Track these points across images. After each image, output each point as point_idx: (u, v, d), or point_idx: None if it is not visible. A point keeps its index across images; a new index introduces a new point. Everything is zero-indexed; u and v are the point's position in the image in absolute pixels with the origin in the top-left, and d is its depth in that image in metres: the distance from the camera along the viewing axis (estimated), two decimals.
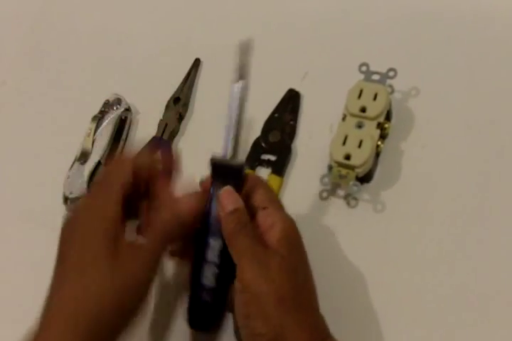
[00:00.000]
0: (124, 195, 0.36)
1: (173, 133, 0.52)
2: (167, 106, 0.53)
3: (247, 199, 0.38)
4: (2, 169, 0.56)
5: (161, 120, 0.52)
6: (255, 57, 0.54)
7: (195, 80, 0.55)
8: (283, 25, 0.55)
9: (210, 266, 0.37)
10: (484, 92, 0.47)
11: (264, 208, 0.38)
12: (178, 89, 0.54)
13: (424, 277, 0.42)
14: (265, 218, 0.37)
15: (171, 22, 0.59)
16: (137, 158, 0.39)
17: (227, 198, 0.37)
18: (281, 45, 0.54)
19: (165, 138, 0.52)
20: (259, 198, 0.38)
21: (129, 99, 0.53)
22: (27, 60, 0.61)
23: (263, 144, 0.49)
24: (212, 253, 0.37)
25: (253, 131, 0.50)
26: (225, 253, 0.36)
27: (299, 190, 0.47)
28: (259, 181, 0.40)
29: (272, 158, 0.49)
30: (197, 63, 0.55)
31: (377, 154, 0.46)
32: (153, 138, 0.52)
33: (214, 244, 0.36)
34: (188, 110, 0.53)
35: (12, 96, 0.59)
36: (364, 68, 0.46)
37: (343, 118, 0.45)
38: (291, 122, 0.50)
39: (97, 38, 0.60)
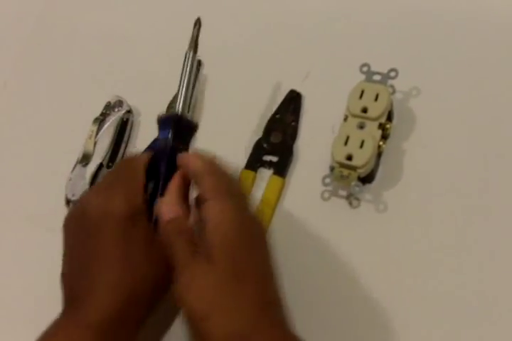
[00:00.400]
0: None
1: None
2: (168, 108, 0.53)
3: (197, 188, 0.38)
4: (4, 171, 0.56)
5: None
6: (258, 57, 0.54)
7: (197, 82, 0.55)
8: (284, 26, 0.55)
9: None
10: (485, 92, 0.47)
11: (206, 200, 0.36)
12: None
13: (426, 277, 0.42)
14: (204, 212, 0.36)
15: (172, 24, 0.59)
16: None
17: (167, 206, 0.38)
18: (283, 45, 0.54)
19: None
20: (205, 187, 0.37)
21: (131, 100, 0.53)
22: (28, 61, 0.61)
23: (265, 145, 0.49)
24: None
25: (255, 132, 0.50)
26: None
27: (301, 190, 0.47)
28: (210, 167, 0.38)
29: (274, 159, 0.49)
30: (198, 64, 0.55)
31: (379, 154, 0.46)
32: (155, 139, 0.52)
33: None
34: (189, 111, 0.53)
35: (13, 98, 0.59)
36: (365, 69, 0.46)
37: (345, 119, 0.45)
38: (293, 123, 0.50)
39: (98, 40, 0.60)
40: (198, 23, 0.46)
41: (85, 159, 0.51)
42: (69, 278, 0.39)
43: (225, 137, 0.51)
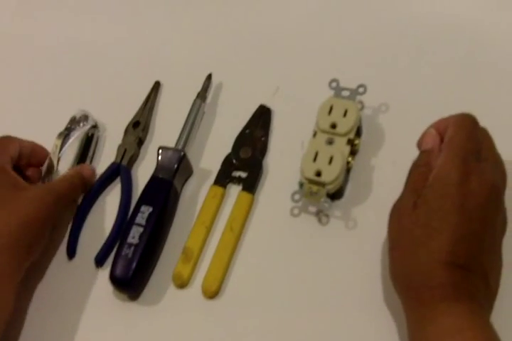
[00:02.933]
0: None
1: (133, 159, 0.50)
2: (126, 131, 0.51)
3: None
4: None
5: (119, 145, 0.51)
6: (227, 73, 0.54)
7: (155, 103, 0.53)
8: (254, 41, 0.55)
9: (136, 227, 0.44)
10: (453, 108, 0.47)
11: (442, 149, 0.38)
12: (137, 113, 0.52)
13: (394, 292, 0.42)
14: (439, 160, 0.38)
15: (139, 39, 0.58)
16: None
17: (430, 137, 0.40)
18: (252, 60, 0.54)
19: (124, 164, 0.50)
20: (446, 136, 0.38)
21: (96, 115, 0.52)
22: None
23: (234, 161, 0.49)
24: (141, 217, 0.44)
25: (224, 147, 0.50)
26: (151, 217, 0.44)
27: (270, 207, 0.47)
28: (461, 122, 0.39)
29: (243, 174, 0.48)
30: (157, 86, 0.54)
31: (348, 170, 0.46)
32: (112, 164, 0.50)
33: (144, 210, 0.45)
34: (148, 134, 0.52)
35: None
36: (334, 84, 0.46)
37: (314, 135, 0.45)
38: (263, 138, 0.49)
39: (64, 53, 0.58)
40: (209, 78, 0.52)
41: (48, 174, 0.49)
42: None
43: (195, 152, 0.50)
